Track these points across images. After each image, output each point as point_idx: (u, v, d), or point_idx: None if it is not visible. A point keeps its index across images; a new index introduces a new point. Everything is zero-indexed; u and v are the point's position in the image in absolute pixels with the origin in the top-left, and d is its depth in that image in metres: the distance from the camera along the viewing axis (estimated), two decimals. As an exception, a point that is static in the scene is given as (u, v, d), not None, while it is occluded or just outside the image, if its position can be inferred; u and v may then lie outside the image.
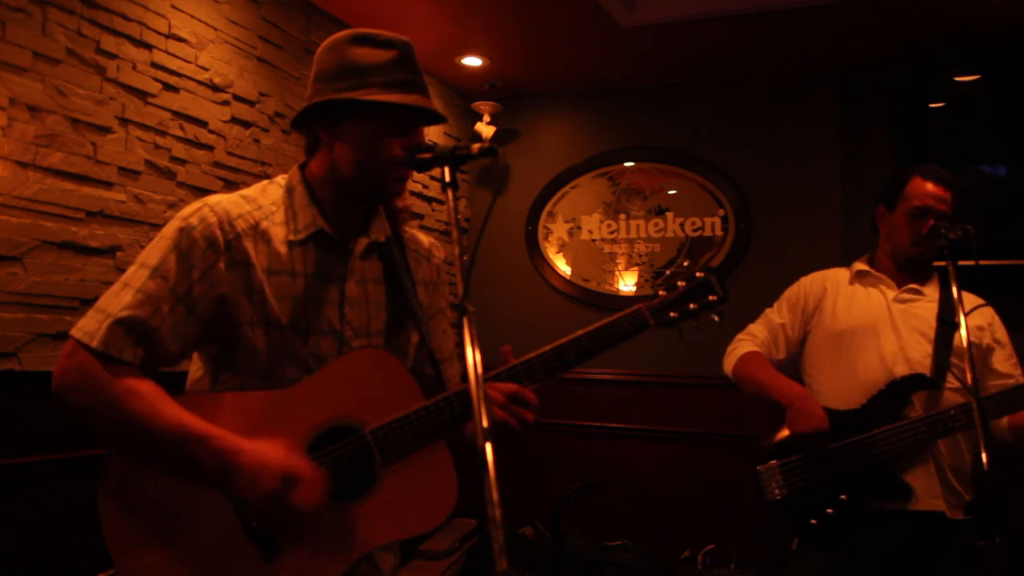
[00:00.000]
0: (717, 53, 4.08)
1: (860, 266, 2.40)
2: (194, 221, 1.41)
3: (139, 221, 2.74)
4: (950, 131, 4.01)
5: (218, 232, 1.41)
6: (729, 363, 2.46)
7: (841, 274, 2.44)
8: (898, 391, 2.18)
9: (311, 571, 1.39)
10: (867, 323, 2.28)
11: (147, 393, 1.34)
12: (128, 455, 1.39)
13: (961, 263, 1.99)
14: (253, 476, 1.30)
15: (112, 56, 2.65)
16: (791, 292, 2.49)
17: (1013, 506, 1.93)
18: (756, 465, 2.27)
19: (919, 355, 2.21)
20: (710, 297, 1.49)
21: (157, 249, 1.40)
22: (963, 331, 1.90)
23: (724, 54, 4.10)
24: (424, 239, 1.71)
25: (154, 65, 2.80)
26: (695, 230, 4.46)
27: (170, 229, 1.41)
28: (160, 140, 2.82)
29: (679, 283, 1.51)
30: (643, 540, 4.04)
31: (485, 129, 4.61)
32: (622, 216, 4.61)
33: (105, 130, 2.62)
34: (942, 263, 2.05)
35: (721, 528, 4.00)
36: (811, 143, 4.21)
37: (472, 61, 4.23)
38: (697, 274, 1.51)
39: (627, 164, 4.63)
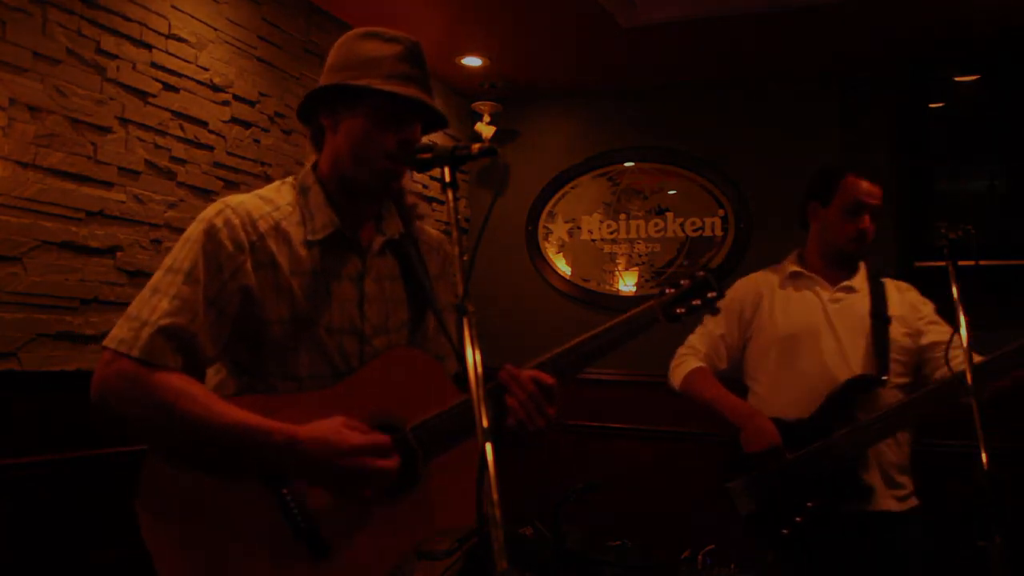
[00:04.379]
0: (717, 53, 4.08)
1: (792, 267, 2.43)
2: (219, 223, 1.40)
3: (139, 221, 2.74)
4: (950, 131, 4.01)
5: (242, 234, 1.41)
6: (676, 378, 2.49)
7: (772, 277, 2.47)
8: (846, 394, 2.22)
9: (361, 568, 1.40)
10: (806, 327, 2.33)
11: (198, 394, 1.34)
12: (178, 457, 1.38)
13: (961, 263, 1.99)
14: (324, 457, 1.32)
15: (112, 56, 2.65)
16: (726, 301, 2.45)
17: (1012, 506, 1.93)
18: (724, 483, 2.31)
19: (859, 355, 2.27)
20: (709, 294, 1.59)
21: (185, 253, 1.39)
22: (963, 331, 1.90)
23: (724, 54, 4.09)
24: (433, 233, 1.71)
25: (154, 65, 2.80)
26: (695, 230, 4.46)
27: (195, 231, 1.41)
28: (160, 140, 2.82)
29: (683, 281, 1.61)
30: (643, 540, 4.03)
31: (485, 129, 4.61)
32: (622, 216, 4.61)
33: (105, 130, 2.62)
34: (942, 263, 2.05)
35: (721, 528, 4.00)
36: (811, 143, 4.21)
37: (472, 61, 4.23)
38: (699, 273, 1.61)
39: (627, 164, 4.63)
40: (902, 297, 2.38)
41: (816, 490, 2.19)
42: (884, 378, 2.22)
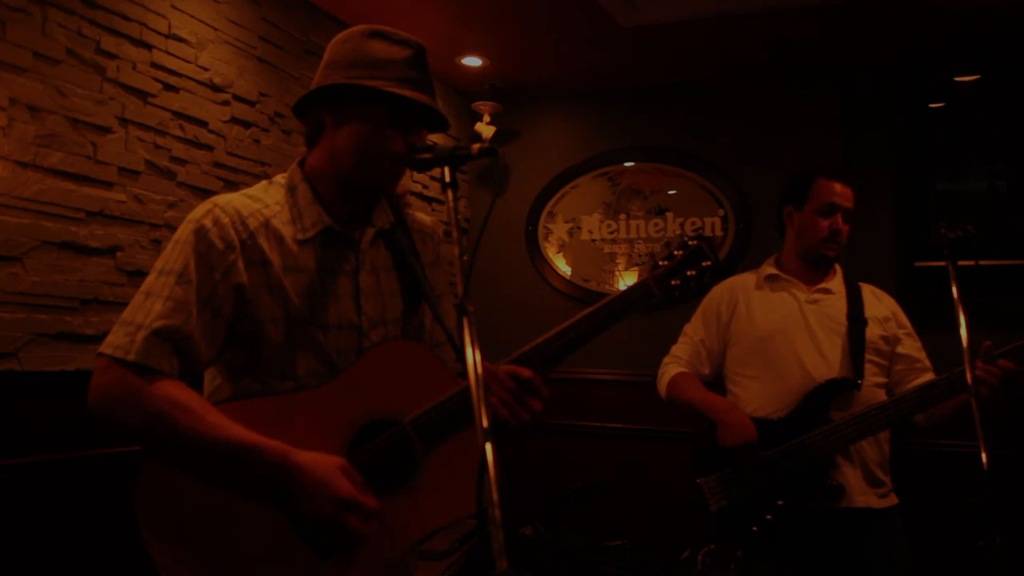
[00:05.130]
0: (717, 53, 4.08)
1: (769, 270, 2.47)
2: (208, 223, 1.40)
3: (139, 221, 2.74)
4: (950, 131, 4.00)
5: (233, 233, 1.40)
6: (661, 387, 2.52)
7: (748, 279, 2.50)
8: (821, 395, 2.25)
9: (366, 565, 1.40)
10: (783, 328, 2.35)
11: (193, 405, 1.33)
12: (175, 464, 1.38)
13: (961, 263, 1.99)
14: (310, 496, 1.32)
15: (112, 56, 2.65)
16: (704, 306, 2.54)
17: (1012, 506, 1.93)
18: (696, 479, 2.34)
19: (836, 355, 2.30)
20: (704, 263, 1.54)
21: (176, 254, 1.39)
22: (963, 331, 1.90)
23: (724, 54, 4.10)
24: (427, 219, 1.70)
25: (154, 65, 2.80)
26: (695, 230, 4.46)
27: (185, 233, 1.40)
28: (160, 140, 2.82)
29: (676, 252, 1.56)
30: (643, 540, 4.04)
31: (485, 129, 4.61)
32: (622, 216, 4.61)
33: (105, 130, 2.62)
34: (942, 263, 2.06)
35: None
36: (811, 143, 4.21)
37: (472, 61, 4.23)
38: (691, 242, 1.56)
39: (627, 164, 4.63)
40: (879, 301, 2.41)
41: (788, 488, 2.21)
42: (859, 381, 2.25)
